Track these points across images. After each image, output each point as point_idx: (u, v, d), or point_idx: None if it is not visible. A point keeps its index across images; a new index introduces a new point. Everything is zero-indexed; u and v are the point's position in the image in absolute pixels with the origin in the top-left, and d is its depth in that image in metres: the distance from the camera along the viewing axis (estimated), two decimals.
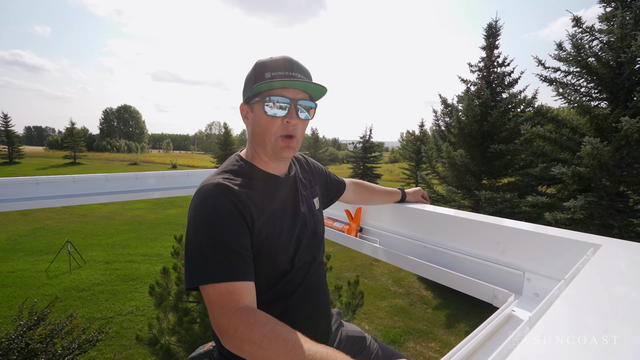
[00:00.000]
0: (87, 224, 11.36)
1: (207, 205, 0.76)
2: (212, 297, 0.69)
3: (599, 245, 0.71)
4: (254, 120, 0.87)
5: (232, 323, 0.65)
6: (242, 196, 0.79)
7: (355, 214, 1.39)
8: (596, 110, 5.30)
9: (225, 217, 0.74)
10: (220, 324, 0.66)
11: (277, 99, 0.81)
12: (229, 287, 0.69)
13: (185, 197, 17.25)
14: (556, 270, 0.79)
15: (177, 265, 3.54)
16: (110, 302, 6.23)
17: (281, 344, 0.60)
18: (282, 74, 0.82)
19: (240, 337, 0.63)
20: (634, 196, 5.80)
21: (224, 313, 0.66)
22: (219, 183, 0.79)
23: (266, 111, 0.82)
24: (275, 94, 0.81)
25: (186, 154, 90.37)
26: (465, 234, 1.01)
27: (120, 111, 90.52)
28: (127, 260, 8.19)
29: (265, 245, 0.81)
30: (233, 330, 0.64)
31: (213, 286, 0.69)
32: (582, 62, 5.52)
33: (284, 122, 0.83)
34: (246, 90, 0.87)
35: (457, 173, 7.54)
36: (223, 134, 27.47)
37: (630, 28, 4.98)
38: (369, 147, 19.92)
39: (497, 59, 7.58)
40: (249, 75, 0.87)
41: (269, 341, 0.61)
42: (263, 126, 0.84)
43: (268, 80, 0.80)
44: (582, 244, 0.75)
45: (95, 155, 45.19)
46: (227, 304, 0.67)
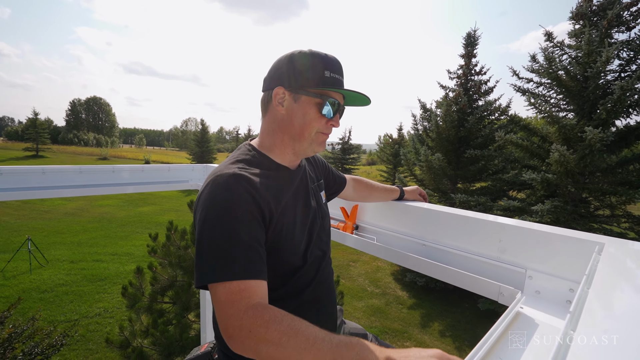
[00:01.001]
0: (50, 220, 10.65)
1: (222, 196, 0.70)
2: (221, 296, 0.63)
3: (603, 244, 0.73)
4: (295, 110, 0.82)
5: (244, 323, 0.60)
6: (260, 188, 0.74)
7: (352, 212, 1.37)
8: (564, 121, 5.63)
9: (241, 210, 0.70)
10: (230, 325, 0.61)
11: (335, 101, 0.83)
12: (241, 285, 0.64)
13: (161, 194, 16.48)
14: (559, 267, 0.81)
15: (153, 263, 3.37)
16: (76, 304, 5.86)
17: (302, 339, 0.56)
18: (338, 78, 0.83)
19: (255, 337, 0.58)
20: (595, 202, 6.21)
21: (234, 313, 0.61)
22: (235, 173, 0.73)
23: (323, 110, 0.82)
24: (333, 96, 0.83)
25: (160, 149, 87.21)
26: (465, 232, 1.02)
27: (89, 103, 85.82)
28: (94, 260, 7.75)
29: (281, 238, 0.77)
30: (247, 331, 0.59)
31: (224, 284, 0.64)
32: (553, 75, 5.85)
33: (329, 123, 0.84)
34: (294, 75, 0.81)
35: (434, 176, 7.75)
36: (200, 130, 26.72)
37: (596, 45, 5.33)
38: (348, 149, 20.10)
39: (474, 67, 7.87)
40: (301, 62, 0.81)
41: (287, 338, 0.57)
42: (308, 120, 0.82)
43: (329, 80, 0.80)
44: (585, 242, 0.76)
45: (61, 149, 42.48)
46: (237, 302, 0.62)
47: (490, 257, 0.94)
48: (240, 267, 0.65)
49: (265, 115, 0.87)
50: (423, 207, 1.15)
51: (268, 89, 0.85)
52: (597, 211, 6.28)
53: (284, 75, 0.82)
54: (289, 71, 0.81)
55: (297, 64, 0.81)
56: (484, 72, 7.89)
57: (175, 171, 2.38)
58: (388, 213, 1.27)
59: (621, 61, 5.54)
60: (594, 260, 0.64)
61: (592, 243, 0.75)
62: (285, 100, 0.82)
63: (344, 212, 1.41)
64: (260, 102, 0.89)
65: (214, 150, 26.57)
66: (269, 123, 0.86)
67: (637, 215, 5.92)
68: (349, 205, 1.40)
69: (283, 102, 0.82)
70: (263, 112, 0.88)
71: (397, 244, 1.20)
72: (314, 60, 0.80)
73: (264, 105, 0.87)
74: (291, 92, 0.81)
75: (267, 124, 0.87)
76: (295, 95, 0.81)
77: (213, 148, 26.63)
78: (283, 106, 0.82)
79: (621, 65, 5.56)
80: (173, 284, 3.51)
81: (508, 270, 0.89)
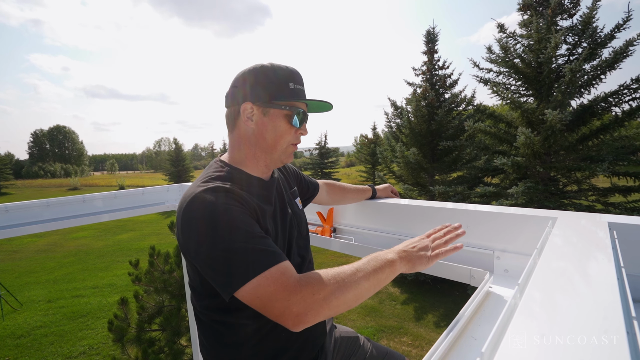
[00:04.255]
0: (20, 260, 10.04)
1: (216, 207, 0.71)
2: (269, 287, 0.65)
3: (556, 218, 0.78)
4: (266, 124, 0.85)
5: (305, 291, 0.64)
6: (244, 197, 0.76)
7: (328, 215, 1.40)
8: (525, 105, 5.93)
9: (241, 213, 0.72)
10: (295, 302, 0.64)
11: (301, 111, 0.87)
12: (280, 269, 0.67)
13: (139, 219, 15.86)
14: (521, 245, 0.86)
15: (139, 292, 3.26)
16: (57, 345, 5.54)
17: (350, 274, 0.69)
18: (301, 88, 0.87)
19: (322, 295, 0.64)
20: (563, 179, 6.55)
21: (293, 290, 0.65)
22: (218, 187, 0.74)
23: (292, 121, 0.85)
24: (299, 106, 0.87)
25: (134, 173, 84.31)
26: (436, 222, 1.06)
27: (53, 132, 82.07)
28: (73, 296, 7.36)
29: None
30: (310, 295, 0.64)
31: (264, 276, 0.65)
32: (510, 63, 6.16)
33: (297, 133, 0.89)
34: (260, 91, 0.83)
35: (411, 171, 7.93)
36: (174, 150, 26.10)
37: (544, 32, 5.67)
38: (325, 153, 20.21)
39: (437, 63, 8.17)
40: (265, 77, 0.83)
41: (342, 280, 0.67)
42: (280, 133, 0.86)
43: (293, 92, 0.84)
44: (541, 219, 0.82)
45: (26, 183, 40.31)
46: (288, 281, 0.65)
47: None
48: (270, 254, 0.68)
49: (233, 130, 0.88)
50: (395, 203, 1.19)
51: (233, 105, 0.86)
52: (566, 188, 6.62)
53: (251, 91, 0.83)
54: (255, 86, 0.83)
55: (262, 78, 0.83)
56: (446, 66, 8.20)
57: (150, 194, 2.33)
58: (363, 213, 1.30)
59: (568, 46, 5.92)
60: (546, 234, 0.70)
61: (547, 218, 0.81)
62: (254, 114, 0.84)
63: (320, 217, 1.43)
64: (226, 118, 0.90)
65: (190, 169, 26.02)
66: (239, 138, 0.87)
67: (601, 188, 6.30)
68: (325, 209, 1.42)
69: (252, 117, 0.84)
70: (230, 127, 0.89)
71: (375, 241, 1.23)
72: (278, 74, 0.83)
73: (231, 121, 0.88)
74: (260, 106, 0.84)
75: (237, 138, 0.88)
76: (264, 109, 0.84)
77: (189, 166, 26.07)
78: (252, 121, 0.84)
79: (569, 50, 5.94)
80: (161, 310, 3.40)
81: (477, 253, 0.94)
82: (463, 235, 0.84)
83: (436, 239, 0.83)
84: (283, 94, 0.83)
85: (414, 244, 0.81)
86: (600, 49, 5.50)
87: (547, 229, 0.73)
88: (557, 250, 0.60)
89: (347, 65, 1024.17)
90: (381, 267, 0.72)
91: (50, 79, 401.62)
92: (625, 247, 0.70)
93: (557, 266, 0.54)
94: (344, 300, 0.66)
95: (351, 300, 0.67)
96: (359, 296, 0.68)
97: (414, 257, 0.77)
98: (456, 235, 0.83)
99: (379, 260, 0.74)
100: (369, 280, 0.69)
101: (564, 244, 0.63)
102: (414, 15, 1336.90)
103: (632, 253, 0.72)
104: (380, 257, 0.75)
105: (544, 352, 0.33)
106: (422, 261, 0.77)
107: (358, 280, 0.68)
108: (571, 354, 0.33)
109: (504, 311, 0.46)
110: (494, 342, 0.42)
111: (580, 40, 5.76)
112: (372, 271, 0.71)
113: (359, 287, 0.68)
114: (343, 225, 1.37)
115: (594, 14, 5.44)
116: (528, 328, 0.38)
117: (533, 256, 0.60)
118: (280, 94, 0.83)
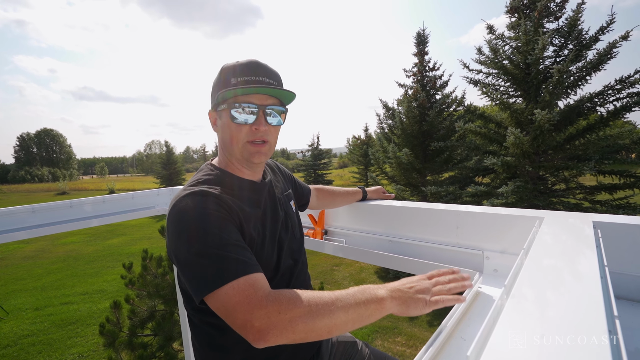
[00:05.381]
0: (6, 267, 9.79)
1: (196, 212, 0.70)
2: (235, 297, 0.62)
3: (543, 218, 0.80)
4: (222, 127, 0.85)
5: (271, 308, 0.61)
6: (227, 201, 0.76)
7: (319, 218, 1.40)
8: (514, 106, 6.03)
9: (218, 219, 0.71)
10: (258, 317, 0.60)
11: (246, 105, 0.79)
12: (249, 280, 0.64)
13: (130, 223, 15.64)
14: (510, 245, 0.87)
15: (130, 296, 3.21)
16: (45, 354, 5.41)
17: (326, 301, 0.63)
18: (248, 79, 0.80)
19: (288, 316, 0.60)
20: (551, 178, 6.67)
21: (257, 305, 0.61)
22: (202, 191, 0.75)
23: (234, 117, 0.80)
24: (243, 100, 0.80)
25: (125, 177, 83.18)
26: (427, 224, 1.07)
27: (40, 136, 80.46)
28: (62, 303, 7.21)
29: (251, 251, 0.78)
30: (276, 314, 0.60)
31: (232, 286, 0.63)
32: (499, 64, 6.26)
33: (252, 128, 0.82)
34: (213, 96, 0.85)
35: (403, 172, 7.99)
36: (165, 152, 25.81)
37: (531, 34, 5.78)
38: (318, 154, 20.24)
39: (428, 64, 8.25)
40: (215, 81, 0.85)
41: (315, 305, 0.62)
42: (231, 133, 0.82)
43: (233, 87, 0.79)
44: (528, 219, 0.84)
45: (12, 188, 39.41)
46: (254, 295, 0.62)
47: (450, 244, 1.00)
48: (242, 264, 0.66)
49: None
50: (386, 204, 1.20)
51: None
52: (555, 186, 6.75)
53: (211, 98, 0.87)
54: (211, 92, 0.87)
55: (213, 82, 0.86)
56: (437, 67, 8.29)
57: (140, 198, 2.30)
58: (354, 214, 1.30)
59: (555, 47, 6.04)
60: (533, 234, 0.71)
61: (534, 218, 0.82)
62: (216, 120, 0.87)
63: (311, 219, 1.43)
64: None
65: (182, 172, 25.76)
66: (219, 143, 0.91)
67: (588, 186, 6.43)
68: (316, 212, 1.42)
69: (217, 123, 0.87)
70: None
71: (366, 243, 1.24)
72: (222, 72, 0.84)
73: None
74: (213, 111, 0.87)
75: (218, 143, 0.92)
76: (218, 112, 0.85)
77: (181, 169, 25.82)
78: (217, 126, 0.87)
79: (555, 52, 6.06)
80: (153, 314, 3.35)
81: (466, 254, 0.95)
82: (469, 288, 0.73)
83: (439, 283, 0.72)
84: (224, 92, 0.79)
85: (412, 284, 0.71)
86: (585, 51, 5.63)
87: (535, 229, 0.74)
88: (543, 250, 0.61)
89: (339, 66, 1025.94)
90: (366, 302, 0.65)
91: (36, 81, 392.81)
92: (609, 245, 0.72)
93: (544, 265, 0.55)
94: (313, 328, 0.61)
95: (322, 329, 0.61)
96: (332, 327, 0.62)
97: (409, 300, 0.67)
98: (462, 286, 0.71)
99: (365, 294, 0.66)
100: (347, 314, 0.63)
101: (550, 243, 0.64)
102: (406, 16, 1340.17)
103: (615, 251, 0.73)
104: (369, 291, 0.68)
105: (529, 353, 0.34)
106: (419, 305, 0.67)
107: (334, 310, 0.62)
108: (556, 353, 0.33)
109: (490, 312, 0.47)
110: (481, 343, 0.42)
111: (567, 42, 5.88)
112: (354, 304, 0.64)
113: (334, 317, 0.62)
114: (334, 228, 1.37)
115: (579, 16, 5.57)
116: (514, 329, 0.39)
117: (520, 256, 0.61)
118: (222, 93, 0.79)
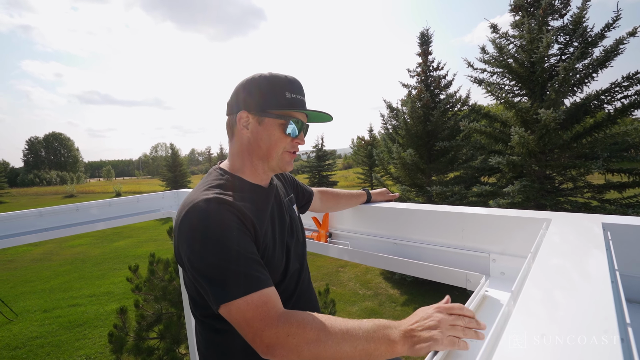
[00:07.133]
0: (15, 270, 9.92)
1: (211, 220, 0.71)
2: (247, 313, 0.64)
3: (550, 220, 0.78)
4: (261, 132, 0.86)
5: (281, 330, 0.62)
6: (242, 209, 0.76)
7: (323, 220, 1.39)
8: (519, 105, 5.97)
9: (235, 229, 0.72)
10: (267, 336, 0.62)
11: (296, 120, 0.86)
12: (262, 297, 0.66)
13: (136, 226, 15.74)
14: (517, 248, 0.86)
15: (139, 301, 3.23)
16: (54, 356, 5.47)
17: (337, 331, 0.62)
18: (299, 97, 0.86)
19: (296, 340, 0.61)
20: (558, 177, 6.59)
21: (269, 324, 0.63)
22: (216, 197, 0.75)
23: (287, 130, 0.85)
24: (296, 116, 0.86)
25: (131, 179, 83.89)
26: (432, 226, 1.06)
27: (49, 139, 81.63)
28: (70, 305, 7.28)
29: (264, 257, 0.79)
30: (284, 336, 0.61)
31: (245, 300, 0.65)
32: (503, 63, 6.21)
33: (294, 141, 0.88)
34: (258, 100, 0.85)
35: (408, 172, 7.95)
36: (170, 155, 26.02)
37: (536, 32, 5.72)
38: (323, 155, 20.24)
39: (432, 64, 8.21)
40: (263, 88, 0.85)
41: (325, 334, 0.62)
42: (274, 141, 0.86)
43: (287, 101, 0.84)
44: (535, 221, 0.82)
45: (21, 191, 39.97)
46: (267, 313, 0.64)
47: (456, 247, 0.99)
48: (255, 279, 0.67)
49: (232, 138, 0.91)
50: (390, 207, 1.19)
51: (232, 113, 0.89)
52: (562, 185, 6.66)
53: (247, 100, 0.85)
54: (252, 95, 0.85)
55: (259, 87, 0.85)
56: (441, 67, 8.24)
57: (145, 201, 2.31)
58: (358, 217, 1.29)
59: (560, 45, 5.98)
60: (541, 236, 0.69)
61: (542, 220, 0.81)
62: (249, 123, 0.86)
63: (316, 222, 1.42)
64: (226, 126, 0.92)
65: (187, 174, 25.95)
66: (237, 146, 0.89)
67: (596, 185, 6.34)
68: (320, 214, 1.41)
69: (248, 126, 0.86)
70: (230, 135, 0.92)
71: (370, 246, 1.23)
72: (274, 83, 0.84)
73: (230, 129, 0.91)
74: (255, 115, 0.85)
75: (235, 146, 0.90)
76: (259, 118, 0.85)
77: (186, 171, 26.01)
78: (248, 129, 0.86)
79: (561, 49, 6.00)
80: (160, 318, 3.36)
81: (473, 256, 0.94)
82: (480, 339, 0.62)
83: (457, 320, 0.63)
84: (278, 103, 0.84)
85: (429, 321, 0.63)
86: (591, 48, 5.56)
87: (542, 231, 0.73)
88: (551, 252, 0.60)
89: (342, 68, 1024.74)
90: (377, 341, 0.62)
91: (43, 85, 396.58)
92: (619, 247, 0.70)
93: (552, 268, 0.54)
94: (317, 356, 0.61)
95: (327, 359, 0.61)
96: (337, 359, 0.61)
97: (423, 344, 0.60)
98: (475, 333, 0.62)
99: (378, 333, 0.63)
100: (354, 349, 0.61)
101: (558, 246, 0.63)
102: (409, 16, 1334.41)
103: (626, 253, 0.71)
104: (383, 331, 0.63)
105: (540, 358, 0.33)
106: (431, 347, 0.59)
107: (341, 343, 0.61)
108: (567, 357, 0.32)
109: (498, 317, 0.46)
110: (489, 350, 0.41)
111: (572, 39, 5.81)
112: (364, 341, 0.62)
113: (340, 350, 0.61)
114: (339, 230, 1.37)
115: (584, 13, 5.50)
116: (523, 335, 0.38)
117: (528, 259, 0.60)
118: (275, 103, 0.84)
